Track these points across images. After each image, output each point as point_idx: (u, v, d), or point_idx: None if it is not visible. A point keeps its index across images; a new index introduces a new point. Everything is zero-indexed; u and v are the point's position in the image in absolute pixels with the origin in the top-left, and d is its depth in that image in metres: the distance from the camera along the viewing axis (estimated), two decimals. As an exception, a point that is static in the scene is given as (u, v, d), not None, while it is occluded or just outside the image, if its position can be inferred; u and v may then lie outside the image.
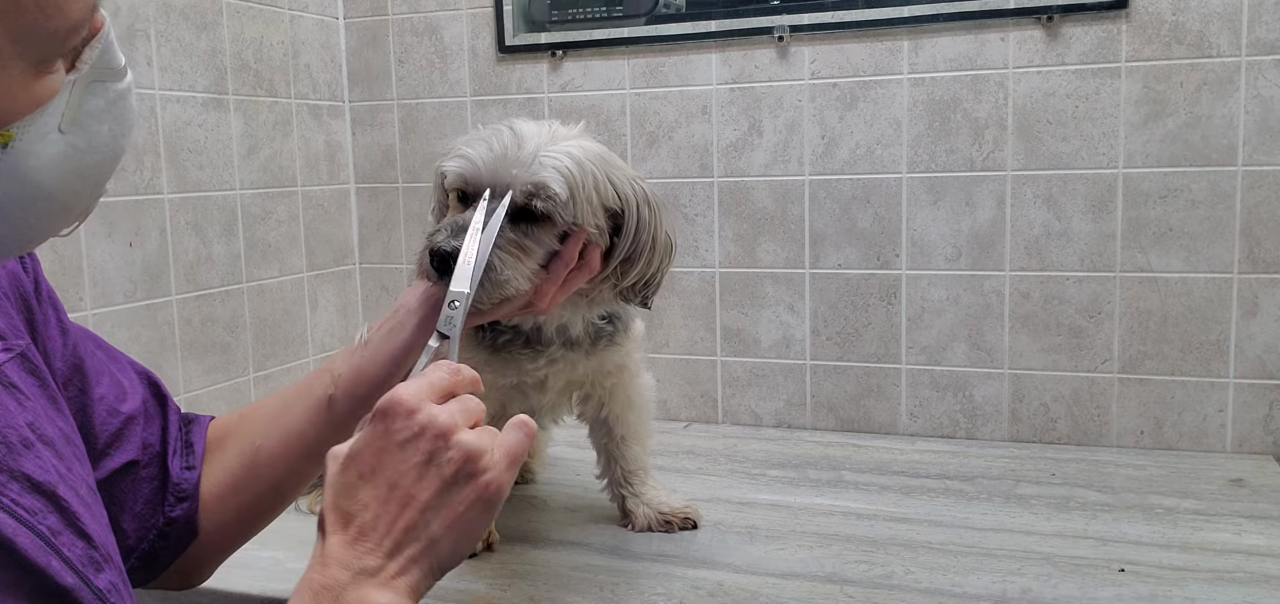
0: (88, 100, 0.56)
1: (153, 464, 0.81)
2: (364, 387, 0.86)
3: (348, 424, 0.84)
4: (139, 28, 1.43)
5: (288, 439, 0.85)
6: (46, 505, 0.61)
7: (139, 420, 0.81)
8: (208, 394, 1.56)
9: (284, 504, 0.89)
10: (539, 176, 0.93)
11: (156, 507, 0.81)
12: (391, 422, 0.65)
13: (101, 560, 0.64)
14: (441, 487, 0.64)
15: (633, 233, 1.00)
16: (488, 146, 0.96)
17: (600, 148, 1.01)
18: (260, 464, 0.84)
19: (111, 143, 0.59)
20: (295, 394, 0.87)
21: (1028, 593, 1.02)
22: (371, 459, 0.64)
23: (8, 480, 0.59)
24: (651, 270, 1.03)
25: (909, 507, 1.28)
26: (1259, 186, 1.41)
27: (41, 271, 0.75)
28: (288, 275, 1.74)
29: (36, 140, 0.54)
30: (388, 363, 0.87)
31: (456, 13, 1.77)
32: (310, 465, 0.86)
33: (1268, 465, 1.40)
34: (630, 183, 1.01)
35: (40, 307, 0.74)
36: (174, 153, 1.49)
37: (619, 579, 1.08)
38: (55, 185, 0.56)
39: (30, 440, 0.62)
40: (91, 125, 0.57)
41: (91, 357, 0.79)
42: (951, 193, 1.54)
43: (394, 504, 0.63)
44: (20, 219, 0.56)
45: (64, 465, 0.64)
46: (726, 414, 1.71)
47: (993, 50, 1.50)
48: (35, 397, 0.66)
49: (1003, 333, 1.55)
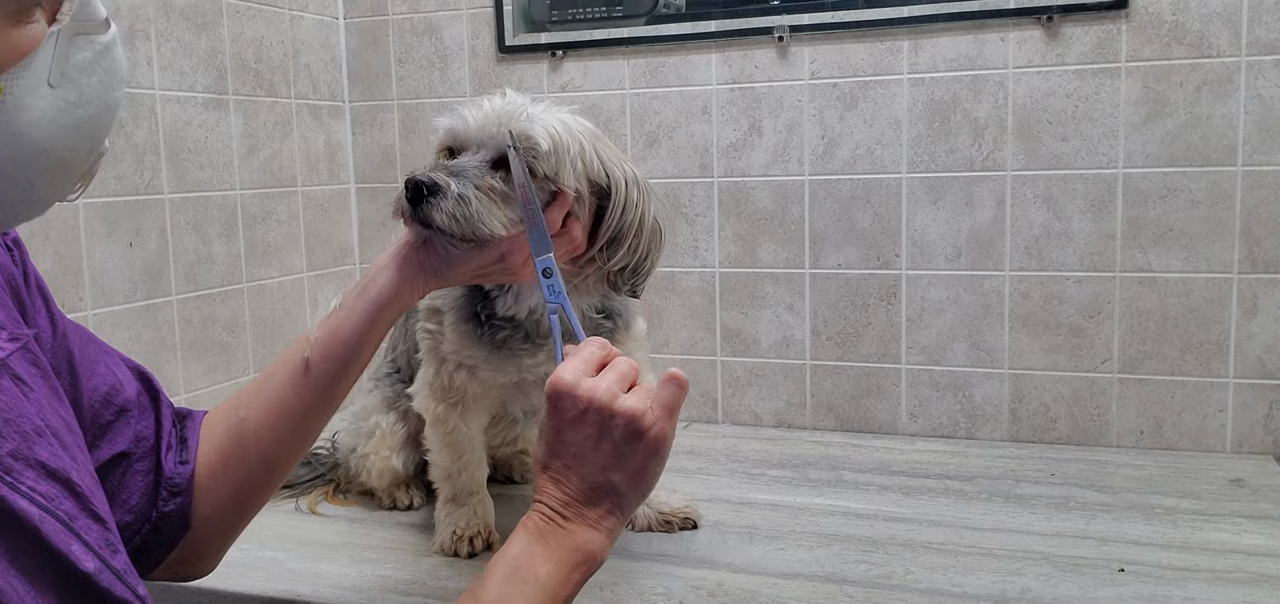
0: (73, 53, 0.58)
1: (145, 458, 0.81)
2: (339, 347, 0.87)
3: (326, 387, 0.87)
4: (139, 28, 1.43)
5: (271, 407, 0.86)
6: (62, 491, 0.62)
7: (131, 413, 0.81)
8: (208, 394, 1.56)
9: (276, 479, 0.89)
10: (523, 127, 0.95)
11: (150, 501, 0.81)
12: (560, 403, 0.76)
13: (116, 543, 0.65)
14: (614, 450, 0.76)
15: (619, 211, 1.00)
16: (478, 107, 0.99)
17: (593, 127, 1.03)
18: (247, 436, 0.85)
19: (103, 94, 0.60)
20: (277, 365, 0.89)
21: (1027, 593, 1.02)
22: (554, 439, 0.77)
23: (24, 468, 0.60)
24: (639, 256, 1.03)
25: (909, 507, 1.28)
26: (1259, 186, 1.41)
27: (30, 260, 0.76)
28: (288, 275, 1.74)
29: (27, 94, 0.56)
30: (362, 320, 0.89)
31: (456, 13, 1.77)
32: (295, 435, 0.87)
33: (1268, 465, 1.40)
34: (620, 164, 1.02)
35: (30, 295, 0.74)
36: (174, 153, 1.49)
37: (619, 579, 1.08)
38: (51, 140, 0.57)
39: (42, 429, 0.64)
40: (80, 78, 0.58)
41: (82, 348, 0.79)
42: (951, 193, 1.54)
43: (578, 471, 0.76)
44: (22, 178, 0.57)
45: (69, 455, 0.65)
46: (726, 414, 1.71)
47: (993, 50, 1.50)
48: (38, 387, 0.67)
49: (1003, 333, 1.55)
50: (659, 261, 1.06)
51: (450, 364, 1.13)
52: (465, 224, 0.90)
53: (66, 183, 0.61)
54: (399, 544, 1.22)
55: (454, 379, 1.14)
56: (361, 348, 0.89)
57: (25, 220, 0.62)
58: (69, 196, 0.63)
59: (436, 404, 1.16)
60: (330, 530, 1.27)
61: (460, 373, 1.13)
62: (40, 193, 0.60)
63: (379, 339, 0.91)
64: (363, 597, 1.07)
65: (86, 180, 0.63)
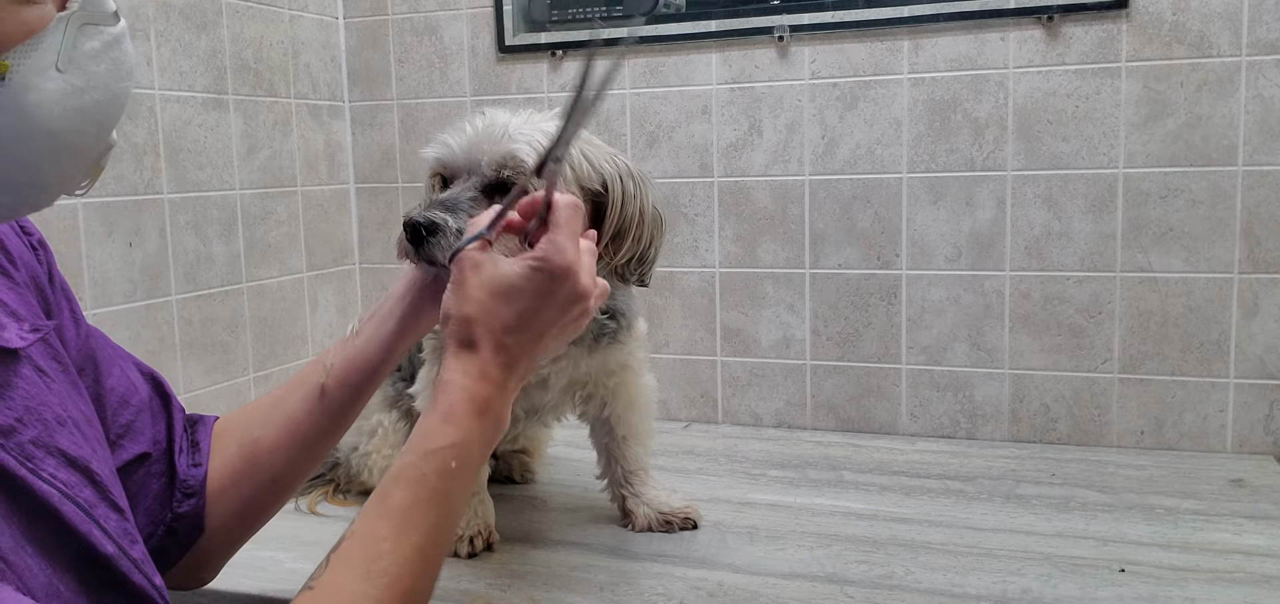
0: (82, 42, 0.59)
1: (160, 460, 0.82)
2: (356, 375, 0.88)
3: (340, 412, 0.88)
4: (139, 28, 1.43)
5: (284, 430, 0.87)
6: (82, 480, 0.63)
7: (147, 415, 0.82)
8: (208, 394, 1.55)
9: (284, 498, 0.90)
10: (507, 148, 0.96)
11: (165, 503, 0.82)
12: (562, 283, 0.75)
13: (134, 534, 0.66)
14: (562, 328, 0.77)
15: (619, 206, 1.01)
16: (463, 132, 0.99)
17: None
18: (259, 456, 0.86)
19: (111, 83, 0.61)
20: (291, 386, 0.89)
21: (1028, 593, 1.02)
22: (533, 304, 0.75)
23: (45, 455, 0.61)
24: (643, 245, 1.04)
25: (909, 507, 1.28)
26: (1259, 186, 1.41)
27: (54, 260, 0.77)
28: (288, 275, 1.74)
29: (35, 75, 0.56)
30: (378, 351, 0.89)
31: (456, 13, 1.77)
32: (307, 456, 0.88)
33: (1268, 465, 1.40)
34: (610, 159, 1.02)
35: (54, 294, 0.75)
36: (174, 153, 1.49)
37: (619, 579, 1.08)
38: (59, 123, 0.58)
39: (63, 418, 0.65)
40: (88, 65, 0.59)
41: (103, 348, 0.80)
42: (952, 193, 1.54)
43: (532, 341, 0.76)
44: (30, 160, 0.58)
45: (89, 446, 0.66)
46: (726, 414, 1.71)
47: (993, 50, 1.50)
48: (59, 379, 0.68)
49: (1003, 333, 1.55)
50: (663, 247, 1.07)
51: (450, 363, 1.14)
52: None
53: (75, 170, 0.62)
54: (399, 544, 1.21)
55: (454, 379, 1.14)
56: (376, 375, 0.89)
57: (34, 209, 0.62)
58: (77, 191, 0.63)
59: (438, 404, 1.16)
60: (330, 530, 1.27)
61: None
62: (48, 177, 0.60)
63: (393, 367, 0.92)
64: (363, 597, 1.06)
65: (94, 175, 0.64)
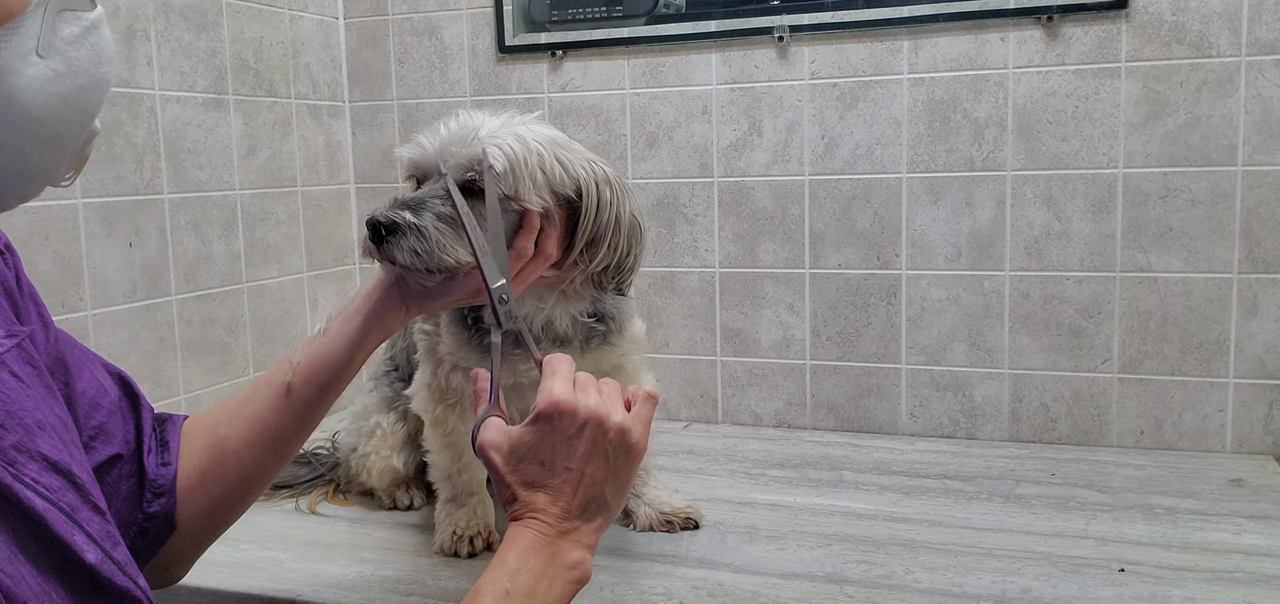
0: (60, 28, 0.59)
1: (130, 461, 0.82)
2: (323, 373, 0.89)
3: (307, 411, 0.88)
4: (139, 28, 1.43)
5: (251, 427, 0.87)
6: (64, 484, 0.63)
7: (118, 416, 0.82)
8: (208, 394, 1.55)
9: (253, 495, 0.90)
10: (477, 151, 0.95)
11: (136, 503, 0.82)
12: (557, 422, 0.77)
13: (116, 536, 0.66)
14: (607, 463, 0.78)
15: (593, 214, 1.00)
16: (436, 133, 0.99)
17: (553, 132, 1.02)
18: (226, 453, 0.86)
19: (92, 68, 0.62)
20: (258, 385, 0.89)
21: (1028, 593, 1.02)
22: (547, 452, 0.77)
23: (27, 460, 0.61)
24: (620, 254, 1.02)
25: (909, 507, 1.28)
26: (1259, 186, 1.41)
27: (21, 265, 0.77)
28: (287, 275, 1.74)
29: (16, 60, 0.57)
30: (345, 349, 0.90)
31: (456, 13, 1.77)
32: (274, 455, 0.88)
33: (1268, 465, 1.40)
34: (586, 164, 1.01)
35: (22, 299, 0.75)
36: (174, 153, 1.49)
37: (619, 579, 1.08)
38: (42, 109, 0.59)
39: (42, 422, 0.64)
40: (68, 50, 0.60)
41: (72, 351, 0.80)
42: (951, 193, 1.54)
43: (572, 483, 0.77)
44: (15, 146, 0.59)
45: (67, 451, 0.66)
46: (726, 414, 1.71)
47: (993, 50, 1.50)
48: (34, 384, 0.68)
49: (1003, 333, 1.55)
50: (643, 257, 1.06)
51: (446, 365, 1.14)
52: (427, 257, 0.91)
53: (60, 158, 0.62)
54: (399, 544, 1.22)
55: (450, 381, 1.14)
56: (343, 373, 0.90)
57: (21, 199, 0.62)
58: (62, 180, 0.64)
59: (435, 405, 1.16)
60: (330, 530, 1.27)
61: (456, 375, 1.13)
62: (34, 165, 0.61)
63: (360, 365, 0.92)
64: (363, 597, 1.07)
65: (79, 166, 0.64)
